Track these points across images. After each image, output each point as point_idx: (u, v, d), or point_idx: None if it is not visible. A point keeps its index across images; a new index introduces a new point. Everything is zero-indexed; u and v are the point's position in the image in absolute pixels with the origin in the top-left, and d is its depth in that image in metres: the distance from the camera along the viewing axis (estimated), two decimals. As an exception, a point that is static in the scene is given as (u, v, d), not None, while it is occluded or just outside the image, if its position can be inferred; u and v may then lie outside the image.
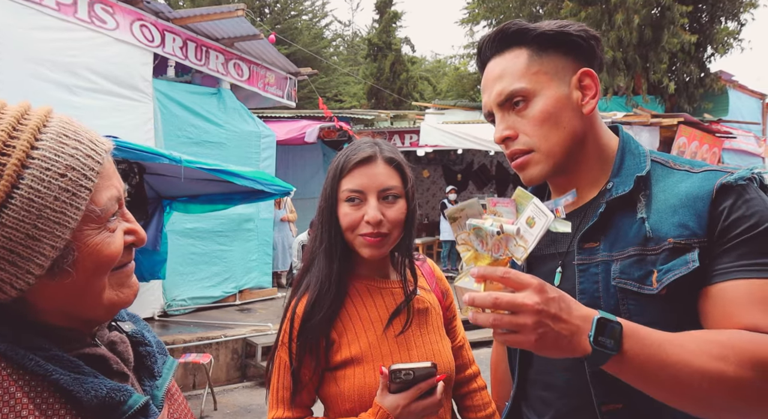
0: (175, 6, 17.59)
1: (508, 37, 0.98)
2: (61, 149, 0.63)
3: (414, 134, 10.02)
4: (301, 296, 1.19)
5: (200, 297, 6.55)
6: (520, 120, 0.96)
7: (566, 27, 0.96)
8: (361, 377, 1.13)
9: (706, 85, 11.92)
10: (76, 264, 0.64)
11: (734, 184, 0.86)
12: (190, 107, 6.31)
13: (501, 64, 0.99)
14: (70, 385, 0.63)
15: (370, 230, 1.13)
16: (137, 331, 0.81)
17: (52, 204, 0.61)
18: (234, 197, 4.95)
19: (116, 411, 0.66)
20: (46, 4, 4.84)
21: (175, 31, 6.10)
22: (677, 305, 0.85)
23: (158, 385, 0.77)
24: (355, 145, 1.21)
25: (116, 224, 0.70)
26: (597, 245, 0.94)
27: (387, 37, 18.59)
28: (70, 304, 0.67)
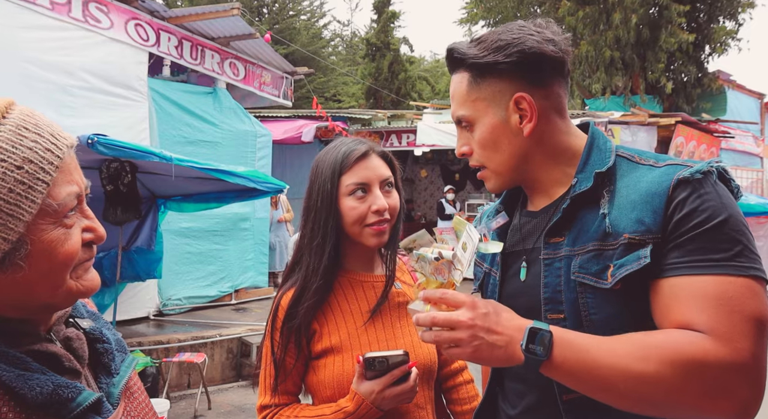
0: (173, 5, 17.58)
1: (452, 61, 1.02)
2: (20, 142, 0.63)
3: (411, 133, 10.01)
4: (287, 289, 1.24)
5: (196, 297, 6.54)
6: (470, 138, 1.03)
7: (501, 51, 0.96)
8: (340, 365, 1.19)
9: (704, 85, 11.93)
10: (28, 258, 0.64)
11: (690, 178, 0.87)
12: (186, 107, 6.30)
13: (453, 84, 1.04)
14: (12, 382, 0.62)
15: (377, 218, 1.20)
16: (95, 328, 0.80)
17: (6, 196, 0.61)
18: (227, 196, 4.95)
19: (64, 407, 0.65)
20: (39, 3, 4.83)
21: (171, 31, 6.09)
22: (631, 299, 0.88)
23: (115, 383, 0.76)
24: (342, 144, 1.26)
25: (74, 220, 0.69)
26: (562, 240, 0.97)
27: (385, 37, 18.59)
28: (23, 296, 0.66)
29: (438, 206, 10.48)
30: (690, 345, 0.77)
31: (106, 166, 4.29)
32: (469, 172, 13.50)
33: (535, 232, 1.04)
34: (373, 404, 1.10)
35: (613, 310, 0.89)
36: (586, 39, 11.21)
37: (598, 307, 0.90)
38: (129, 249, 5.11)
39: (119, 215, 4.42)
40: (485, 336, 0.81)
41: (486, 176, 1.05)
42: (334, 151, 1.24)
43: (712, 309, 0.79)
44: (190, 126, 6.31)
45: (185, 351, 5.07)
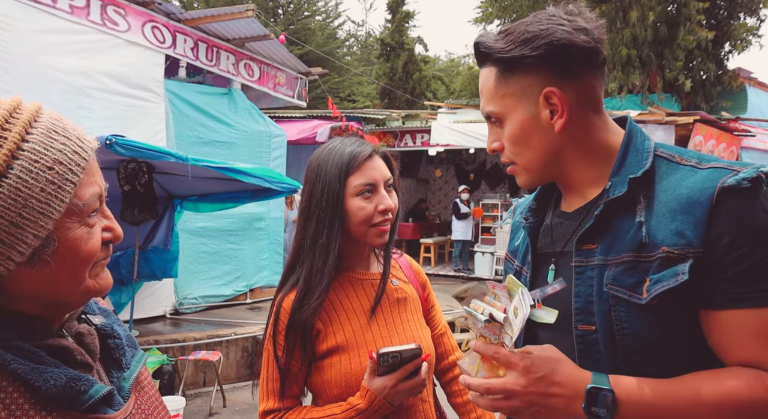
0: (190, 6, 17.78)
1: (479, 55, 0.98)
2: (51, 144, 0.66)
3: (425, 133, 10.00)
4: (289, 291, 1.24)
5: (211, 296, 6.62)
6: (501, 135, 0.99)
7: (528, 43, 0.90)
8: (347, 364, 1.19)
9: (723, 83, 11.71)
10: (55, 255, 0.66)
11: (737, 186, 0.80)
12: (201, 108, 6.37)
13: (481, 79, 0.99)
14: (28, 374, 0.65)
15: (383, 218, 1.23)
16: (107, 324, 0.82)
17: (38, 195, 0.64)
18: (242, 196, 4.99)
19: (77, 399, 0.68)
20: (59, 7, 4.93)
21: (187, 32, 6.16)
22: (668, 314, 0.84)
23: (125, 377, 0.79)
24: (344, 145, 1.26)
25: (96, 220, 0.72)
26: (594, 248, 0.92)
27: (399, 37, 18.59)
28: (45, 291, 0.69)
29: (453, 206, 10.46)
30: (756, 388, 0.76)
31: (124, 166, 4.36)
32: (483, 172, 13.44)
33: (566, 235, 0.99)
34: (386, 399, 1.11)
35: (647, 325, 0.84)
36: (603, 37, 11.07)
37: (631, 321, 0.85)
38: (145, 249, 5.18)
39: (136, 215, 4.49)
40: (542, 401, 0.80)
41: (517, 171, 1.01)
42: (338, 151, 1.24)
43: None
44: (205, 127, 6.38)
45: (201, 349, 5.13)
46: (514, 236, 1.21)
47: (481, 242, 10.36)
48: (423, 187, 14.08)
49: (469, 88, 19.96)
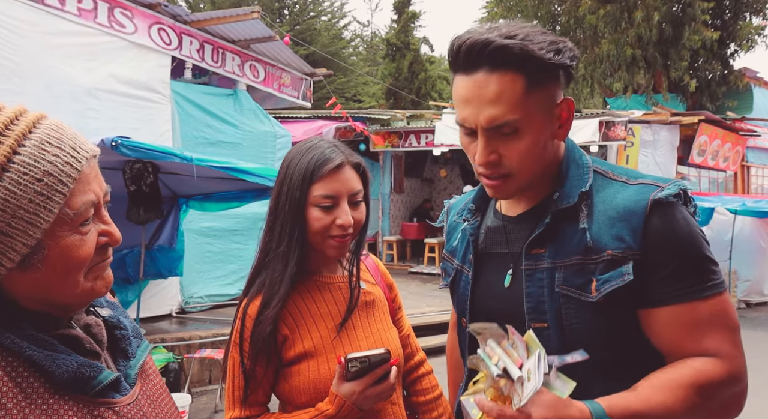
0: (196, 8, 17.89)
1: (508, 56, 0.88)
2: (42, 156, 0.68)
3: (430, 133, 10.03)
4: (254, 297, 1.21)
5: (217, 295, 6.68)
6: (506, 146, 0.94)
7: (562, 53, 0.90)
8: (315, 370, 1.18)
9: (729, 83, 11.69)
10: (45, 261, 0.69)
11: (664, 200, 0.92)
12: (207, 108, 6.44)
13: (496, 84, 0.90)
14: (42, 361, 0.69)
15: (341, 232, 1.18)
16: (113, 316, 0.86)
17: (26, 206, 0.66)
18: (247, 195, 5.05)
19: (87, 384, 0.73)
20: (67, 10, 5.00)
21: (192, 34, 6.23)
22: (612, 311, 0.94)
23: (131, 365, 0.83)
24: (316, 148, 1.22)
25: (90, 227, 0.74)
26: (543, 252, 0.99)
27: (405, 37, 18.61)
28: (41, 293, 0.73)
29: (456, 206, 10.47)
30: (707, 373, 0.88)
31: (130, 167, 4.43)
32: (488, 172, 13.44)
33: (511, 238, 1.06)
34: (355, 404, 1.10)
35: (595, 320, 0.95)
36: (608, 37, 11.09)
37: (581, 317, 0.95)
38: (151, 248, 5.26)
39: (142, 215, 4.56)
40: None
41: (507, 183, 0.98)
42: (308, 155, 1.20)
43: (710, 333, 0.90)
44: (211, 127, 6.45)
45: (206, 347, 5.19)
46: (450, 236, 1.25)
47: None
48: (428, 187, 14.10)
49: (474, 89, 19.92)
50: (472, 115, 0.92)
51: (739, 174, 10.88)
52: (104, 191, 0.76)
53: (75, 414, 0.71)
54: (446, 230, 1.29)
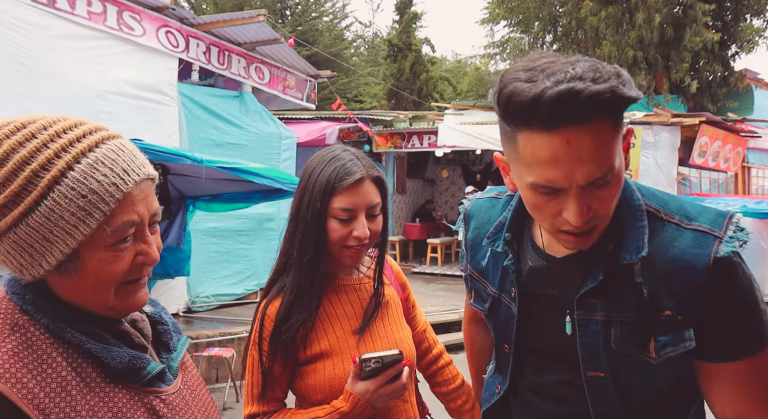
0: (199, 11, 17.96)
1: (600, 104, 0.77)
2: (92, 174, 0.73)
3: (432, 134, 10.10)
4: (273, 298, 1.26)
5: (223, 294, 6.75)
6: (598, 198, 0.85)
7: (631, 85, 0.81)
8: (331, 369, 1.23)
9: (730, 84, 11.73)
10: (79, 269, 0.75)
11: (726, 259, 0.88)
12: (213, 110, 6.51)
13: (589, 138, 0.79)
14: (99, 353, 0.77)
15: (357, 243, 1.23)
16: (155, 313, 0.94)
17: (67, 218, 0.72)
18: (254, 196, 5.11)
19: (137, 375, 0.80)
20: (77, 13, 5.08)
21: (199, 37, 6.30)
22: (672, 366, 0.93)
23: (173, 357, 0.90)
24: (337, 159, 1.25)
25: (128, 245, 0.78)
26: (595, 303, 0.94)
27: (407, 38, 18.67)
28: (77, 298, 0.79)
29: (460, 205, 10.53)
30: None
31: (140, 168, 4.49)
32: (490, 172, 13.51)
33: (559, 281, 0.99)
34: (368, 402, 1.15)
35: (655, 375, 0.93)
36: (609, 39, 11.14)
37: (639, 372, 0.93)
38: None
39: (152, 215, 4.62)
40: None
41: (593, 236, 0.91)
42: (329, 166, 1.23)
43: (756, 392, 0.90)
44: (217, 129, 6.52)
45: (213, 346, 5.27)
46: (475, 253, 1.17)
47: (488, 242, 10.43)
48: (430, 188, 14.17)
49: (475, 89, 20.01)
50: (563, 176, 0.81)
51: (739, 175, 10.94)
52: (152, 212, 0.80)
53: (128, 401, 0.78)
54: (468, 243, 1.21)
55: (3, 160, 0.71)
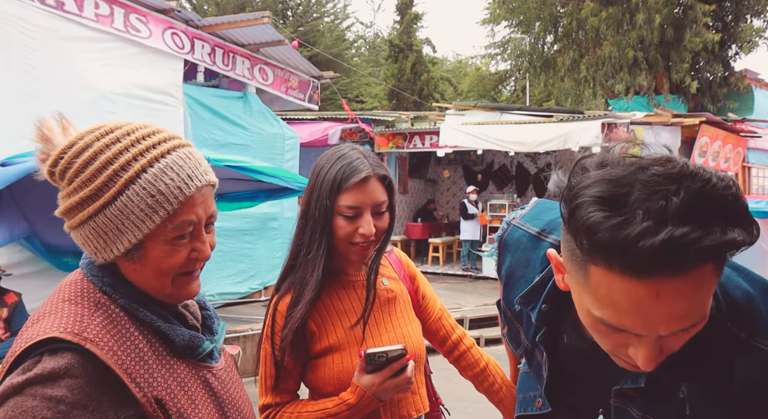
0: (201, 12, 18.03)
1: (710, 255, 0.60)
2: (161, 177, 0.84)
3: (434, 135, 10.17)
4: (283, 294, 1.32)
5: (227, 293, 6.82)
6: (675, 340, 0.69)
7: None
8: (339, 363, 1.29)
9: (730, 84, 11.79)
10: (142, 258, 0.86)
11: None
12: (218, 111, 6.57)
13: (686, 290, 0.62)
14: (167, 331, 0.89)
15: (363, 240, 1.27)
16: (200, 300, 1.05)
17: (137, 213, 0.83)
18: (259, 195, 5.17)
19: (195, 351, 0.92)
20: (85, 15, 5.14)
21: (204, 38, 6.37)
22: None
23: (216, 340, 1.01)
24: (345, 158, 1.29)
25: (185, 241, 0.88)
26: (634, 397, 0.82)
27: (408, 38, 18.75)
28: (139, 283, 0.89)
29: (461, 206, 10.62)
30: None
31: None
32: (491, 172, 13.58)
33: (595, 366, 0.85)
34: (374, 395, 1.20)
35: None
36: (609, 39, 11.21)
37: None
38: (167, 247, 5.38)
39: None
40: None
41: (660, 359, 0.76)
42: (336, 165, 1.27)
43: None
44: (222, 130, 6.59)
45: (219, 344, 5.33)
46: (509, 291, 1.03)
47: (489, 242, 10.51)
48: (431, 188, 14.24)
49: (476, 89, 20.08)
50: (643, 326, 0.66)
51: (740, 175, 10.99)
52: (209, 214, 0.90)
53: (188, 373, 0.90)
54: (502, 276, 1.06)
55: (92, 159, 0.83)
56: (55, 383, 0.75)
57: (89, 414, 0.76)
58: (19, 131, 4.85)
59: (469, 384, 1.53)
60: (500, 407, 1.47)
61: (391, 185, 1.33)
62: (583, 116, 9.00)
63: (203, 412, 0.89)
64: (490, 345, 6.80)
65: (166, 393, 0.84)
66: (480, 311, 7.50)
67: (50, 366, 0.76)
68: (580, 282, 0.70)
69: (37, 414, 0.73)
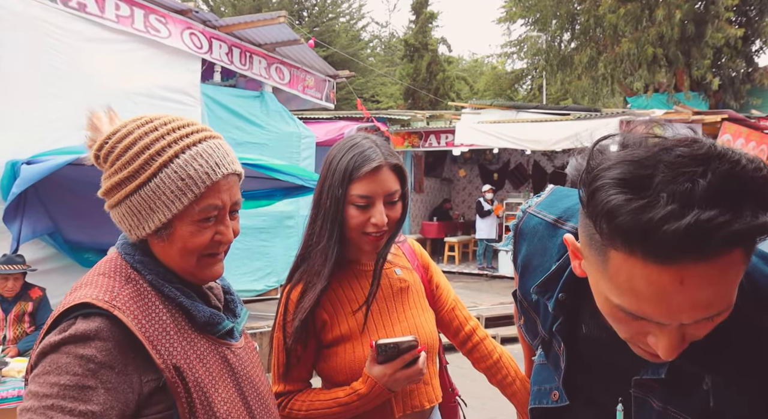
0: (218, 13, 18.22)
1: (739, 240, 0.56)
2: (191, 163, 0.92)
3: (450, 133, 10.15)
4: (295, 284, 1.32)
5: (244, 290, 6.89)
6: (698, 328, 0.66)
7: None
8: (351, 353, 1.29)
9: (753, 81, 11.57)
10: (170, 237, 0.94)
11: None
12: (235, 110, 6.64)
13: (712, 276, 0.58)
14: (189, 306, 0.95)
15: (375, 230, 1.26)
16: (225, 285, 1.12)
17: (168, 194, 0.91)
18: (275, 194, 5.21)
19: (215, 328, 0.98)
20: (106, 17, 5.24)
21: (221, 38, 6.44)
22: None
23: (238, 322, 1.07)
24: (357, 147, 1.27)
25: (210, 224, 0.95)
26: (656, 388, 0.79)
27: (423, 38, 18.72)
28: (168, 260, 0.97)
29: (477, 204, 10.59)
30: None
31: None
32: (507, 171, 13.50)
33: (615, 355, 0.82)
34: (385, 386, 1.20)
35: None
36: (628, 36, 11.07)
37: None
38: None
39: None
40: None
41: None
42: (348, 154, 1.26)
43: None
44: (239, 129, 6.66)
45: (236, 340, 5.39)
46: (525, 280, 0.99)
47: (505, 240, 10.44)
48: (447, 187, 14.21)
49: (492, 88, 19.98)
50: (666, 315, 0.63)
51: (763, 173, 10.75)
52: (234, 201, 0.97)
53: (207, 347, 0.96)
54: (518, 265, 1.04)
55: (132, 144, 0.91)
56: (86, 343, 0.83)
57: (116, 375, 0.83)
58: (42, 131, 4.97)
59: (485, 381, 1.51)
60: (513, 400, 1.45)
61: (404, 173, 1.32)
62: (601, 113, 8.90)
63: (219, 384, 0.94)
64: (506, 344, 6.76)
65: (185, 362, 0.90)
66: (496, 309, 7.47)
67: (83, 327, 0.84)
68: (598, 269, 0.67)
69: (69, 369, 0.81)
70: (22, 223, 4.25)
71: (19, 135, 4.33)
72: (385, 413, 1.29)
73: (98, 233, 4.17)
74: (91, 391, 0.81)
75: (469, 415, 1.58)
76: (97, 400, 0.80)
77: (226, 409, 0.93)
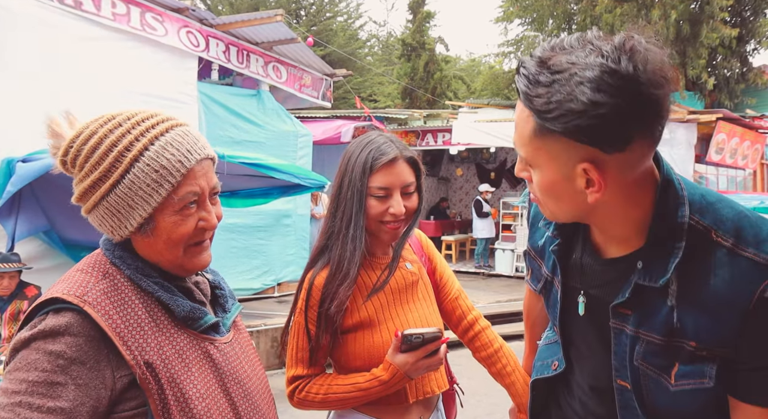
0: (215, 11, 18.19)
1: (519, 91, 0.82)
2: (163, 153, 0.90)
3: (447, 132, 10.16)
4: (321, 269, 1.36)
5: (241, 289, 6.89)
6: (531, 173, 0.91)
7: (552, 114, 0.77)
8: (370, 339, 1.34)
9: (748, 80, 11.63)
10: (154, 231, 0.93)
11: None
12: (232, 108, 6.64)
13: (517, 112, 0.87)
14: (167, 301, 0.94)
15: (393, 219, 1.34)
16: (215, 280, 1.12)
17: (144, 188, 0.89)
18: (272, 192, 5.22)
19: (196, 322, 0.97)
20: (102, 15, 5.23)
21: (218, 37, 6.44)
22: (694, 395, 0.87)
23: (227, 317, 1.07)
24: (373, 142, 1.36)
25: (192, 211, 0.94)
26: (629, 314, 0.92)
27: (420, 37, 18.72)
28: (154, 255, 0.96)
29: (475, 203, 10.60)
30: None
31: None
32: (504, 170, 13.52)
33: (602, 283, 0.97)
34: (407, 374, 1.26)
35: (675, 399, 0.89)
36: (624, 36, 11.08)
37: (660, 393, 0.90)
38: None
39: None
40: None
41: (540, 207, 0.96)
42: (366, 149, 1.34)
43: None
44: (236, 127, 6.65)
45: (233, 338, 5.39)
46: (535, 230, 1.18)
47: (502, 239, 10.49)
48: (444, 186, 14.22)
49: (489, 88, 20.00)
50: None
51: (758, 172, 10.82)
52: (211, 186, 0.97)
53: (188, 343, 0.95)
54: (530, 220, 1.22)
55: (98, 144, 0.90)
56: (56, 339, 0.82)
57: (87, 371, 0.83)
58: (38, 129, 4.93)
59: (482, 378, 1.53)
60: (510, 390, 1.48)
61: (419, 166, 1.39)
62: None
63: (198, 380, 0.93)
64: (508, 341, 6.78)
65: (159, 358, 0.89)
66: (493, 308, 7.48)
67: (52, 323, 0.83)
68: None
69: (38, 366, 0.80)
70: (18, 221, 4.25)
71: (14, 133, 4.32)
72: (400, 398, 1.34)
73: (94, 231, 4.16)
74: (61, 387, 0.80)
75: (466, 411, 1.60)
76: (67, 396, 0.80)
77: (205, 405, 0.91)
